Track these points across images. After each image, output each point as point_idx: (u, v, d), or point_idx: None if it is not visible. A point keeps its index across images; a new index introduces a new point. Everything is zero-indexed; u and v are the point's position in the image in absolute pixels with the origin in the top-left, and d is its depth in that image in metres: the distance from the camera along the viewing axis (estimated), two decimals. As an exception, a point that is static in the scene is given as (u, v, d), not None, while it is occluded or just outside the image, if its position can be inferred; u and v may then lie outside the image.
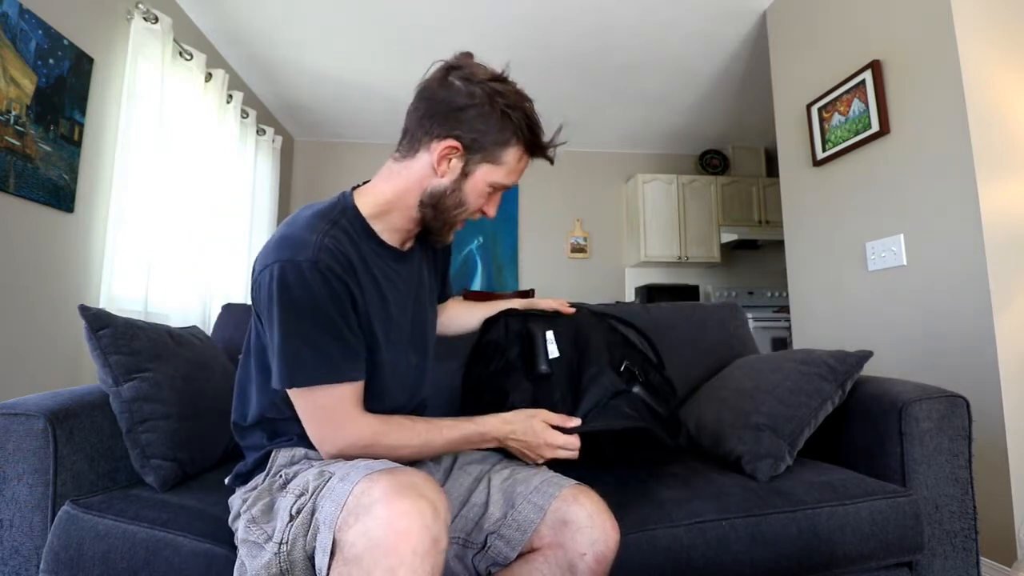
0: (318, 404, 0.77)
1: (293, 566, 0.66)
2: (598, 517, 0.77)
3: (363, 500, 0.61)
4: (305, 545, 0.67)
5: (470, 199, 0.85)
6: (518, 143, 0.83)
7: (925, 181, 1.69)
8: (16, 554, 0.91)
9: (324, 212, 0.82)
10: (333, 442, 0.78)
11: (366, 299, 0.82)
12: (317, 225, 0.79)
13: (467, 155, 0.82)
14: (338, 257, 0.78)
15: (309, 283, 0.74)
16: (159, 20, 2.23)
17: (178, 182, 2.44)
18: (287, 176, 4.15)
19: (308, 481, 0.72)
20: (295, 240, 0.77)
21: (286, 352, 0.75)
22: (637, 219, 4.30)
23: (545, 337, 1.03)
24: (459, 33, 2.82)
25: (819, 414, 1.10)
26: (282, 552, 0.67)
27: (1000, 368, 1.45)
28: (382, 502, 0.60)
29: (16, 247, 1.71)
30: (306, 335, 0.75)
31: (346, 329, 0.78)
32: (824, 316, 2.15)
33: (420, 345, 0.94)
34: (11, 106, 1.65)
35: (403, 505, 0.59)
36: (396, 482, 0.62)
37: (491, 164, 0.83)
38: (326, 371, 0.76)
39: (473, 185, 0.84)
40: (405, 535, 0.58)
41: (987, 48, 1.60)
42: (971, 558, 1.06)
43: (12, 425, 0.92)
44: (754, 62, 3.05)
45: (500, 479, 0.86)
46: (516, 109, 0.82)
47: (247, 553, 0.71)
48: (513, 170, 0.85)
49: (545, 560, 0.76)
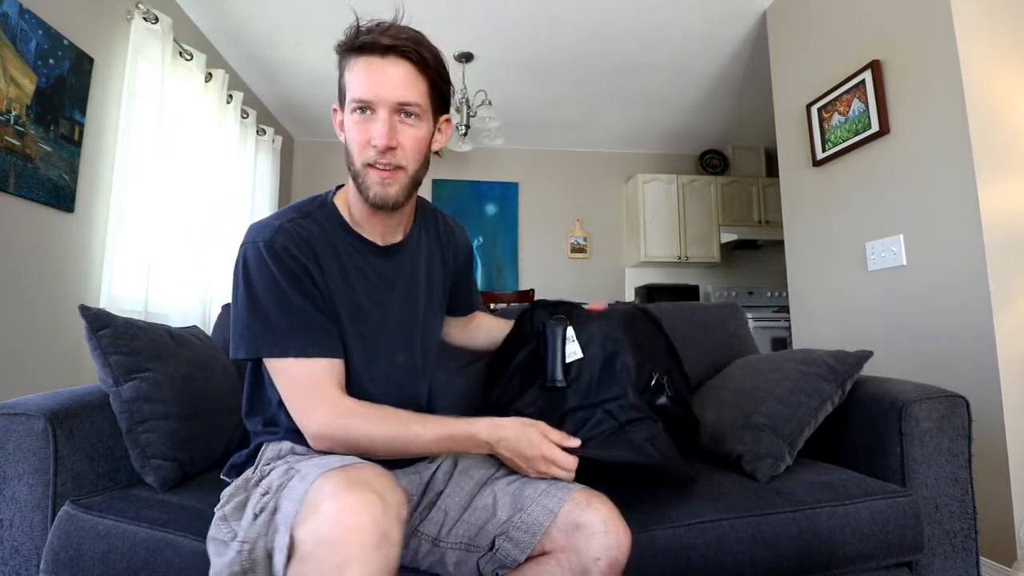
0: (291, 378, 0.79)
1: (255, 565, 0.66)
2: (612, 523, 0.76)
3: (314, 498, 0.61)
4: (266, 544, 0.66)
5: (351, 138, 0.81)
6: (347, 53, 0.80)
7: (925, 181, 1.69)
8: (16, 554, 0.91)
9: (299, 204, 0.88)
10: (309, 421, 0.78)
11: (327, 282, 0.83)
12: (286, 214, 0.85)
13: (341, 106, 0.84)
14: (295, 239, 0.81)
15: (264, 260, 0.79)
16: (159, 20, 2.23)
17: (178, 182, 2.44)
18: (287, 176, 4.15)
19: (273, 480, 0.72)
20: (261, 225, 0.83)
21: (239, 324, 0.79)
22: (637, 219, 4.30)
23: (565, 336, 0.94)
24: (459, 34, 2.82)
25: (819, 414, 1.10)
26: (244, 551, 0.67)
27: (1000, 368, 1.45)
28: (330, 498, 0.60)
29: (16, 247, 1.71)
30: (264, 308, 0.78)
31: (309, 305, 0.80)
32: (824, 316, 2.15)
33: (407, 343, 0.93)
34: (11, 106, 1.65)
35: (350, 500, 0.59)
36: (346, 478, 0.62)
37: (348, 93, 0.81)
38: (284, 342, 0.78)
39: (348, 124, 0.82)
40: (353, 531, 0.57)
41: (987, 48, 1.60)
42: (971, 558, 1.06)
43: (12, 425, 0.92)
44: (754, 62, 3.05)
45: (505, 482, 0.85)
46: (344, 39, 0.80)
47: (214, 551, 0.72)
48: (359, 79, 0.79)
49: (557, 563, 0.76)
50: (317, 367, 0.79)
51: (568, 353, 0.93)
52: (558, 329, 0.96)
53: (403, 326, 0.92)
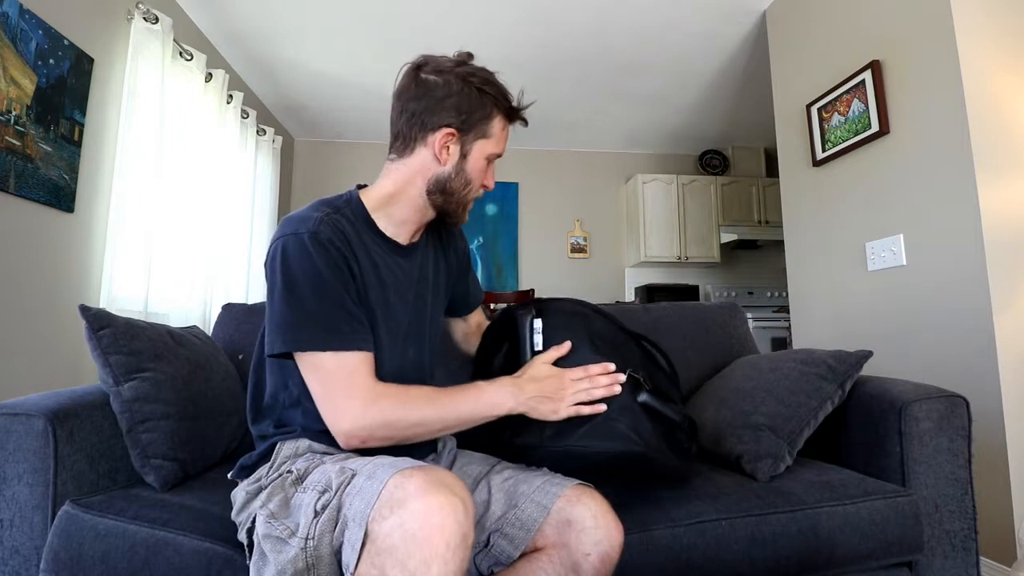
0: (327, 373, 0.77)
1: (319, 561, 0.67)
2: (603, 518, 0.77)
3: (397, 494, 0.63)
4: (332, 540, 0.68)
5: (474, 176, 0.90)
6: (499, 112, 0.90)
7: (925, 181, 1.69)
8: (16, 554, 0.91)
9: (329, 200, 0.88)
10: (343, 416, 0.77)
11: (364, 278, 0.84)
12: (320, 208, 0.85)
13: (462, 137, 0.87)
14: (336, 232, 0.82)
15: (309, 251, 0.78)
16: (159, 20, 2.23)
17: (178, 182, 2.44)
18: (287, 176, 4.15)
19: (330, 478, 0.72)
20: (298, 218, 0.82)
21: (282, 317, 0.78)
22: (637, 219, 4.30)
23: (532, 326, 0.94)
24: (459, 33, 2.82)
25: (819, 414, 1.10)
26: (308, 547, 0.68)
27: (1000, 368, 1.45)
28: (417, 497, 0.61)
29: (16, 247, 1.71)
30: (303, 301, 0.78)
31: (347, 298, 0.80)
32: (824, 316, 2.15)
33: (418, 340, 0.94)
34: (11, 106, 1.65)
35: (437, 500, 0.61)
36: (429, 479, 0.64)
37: (483, 139, 0.89)
38: (324, 335, 0.77)
39: (474, 162, 0.89)
40: (439, 529, 0.60)
41: (987, 48, 1.60)
42: (971, 558, 1.06)
43: (12, 425, 0.92)
44: (754, 62, 3.05)
45: (500, 479, 0.86)
46: (489, 84, 0.88)
47: (271, 548, 0.71)
48: (500, 138, 0.91)
49: (549, 560, 0.76)
50: (353, 360, 0.78)
51: (535, 343, 0.93)
52: (526, 319, 0.96)
53: (416, 322, 0.94)
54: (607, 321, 1.00)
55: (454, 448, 1.02)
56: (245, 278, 3.08)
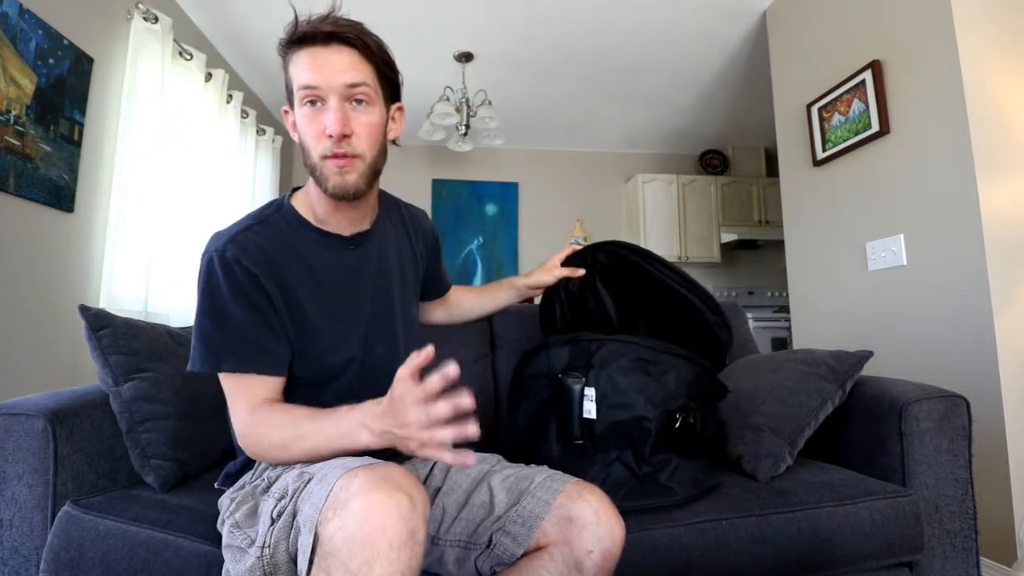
0: (226, 389, 0.81)
1: (276, 569, 0.67)
2: (604, 514, 0.76)
3: (341, 495, 0.61)
4: (288, 547, 0.67)
5: (304, 132, 0.82)
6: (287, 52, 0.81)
7: (925, 181, 1.69)
8: (16, 554, 0.91)
9: (257, 212, 0.87)
10: (235, 431, 0.81)
11: (293, 289, 0.82)
12: (242, 221, 0.83)
13: (293, 108, 0.84)
14: (248, 249, 0.79)
15: (215, 272, 0.78)
16: (159, 20, 2.23)
17: (178, 182, 2.44)
18: (287, 176, 4.15)
19: (288, 484, 0.72)
20: (218, 234, 0.81)
21: (194, 337, 0.80)
22: (637, 219, 4.30)
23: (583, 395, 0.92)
24: (458, 33, 2.82)
25: (819, 414, 1.10)
26: (265, 555, 0.67)
27: (1000, 368, 1.45)
28: (358, 496, 0.60)
29: (16, 247, 1.71)
30: (201, 323, 0.79)
31: (250, 320, 0.79)
32: (824, 316, 2.15)
33: (386, 334, 0.92)
34: (11, 106, 1.65)
35: (379, 498, 0.59)
36: (373, 476, 0.62)
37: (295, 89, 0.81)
38: (215, 356, 0.79)
39: (301, 121, 0.82)
40: (381, 527, 0.58)
41: (987, 48, 1.60)
42: (971, 558, 1.06)
43: (12, 425, 0.92)
44: (754, 62, 3.05)
45: (501, 478, 0.85)
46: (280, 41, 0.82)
47: (231, 558, 0.71)
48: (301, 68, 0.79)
49: (551, 558, 0.76)
50: (249, 381, 0.80)
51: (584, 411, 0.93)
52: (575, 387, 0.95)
53: (379, 316, 0.92)
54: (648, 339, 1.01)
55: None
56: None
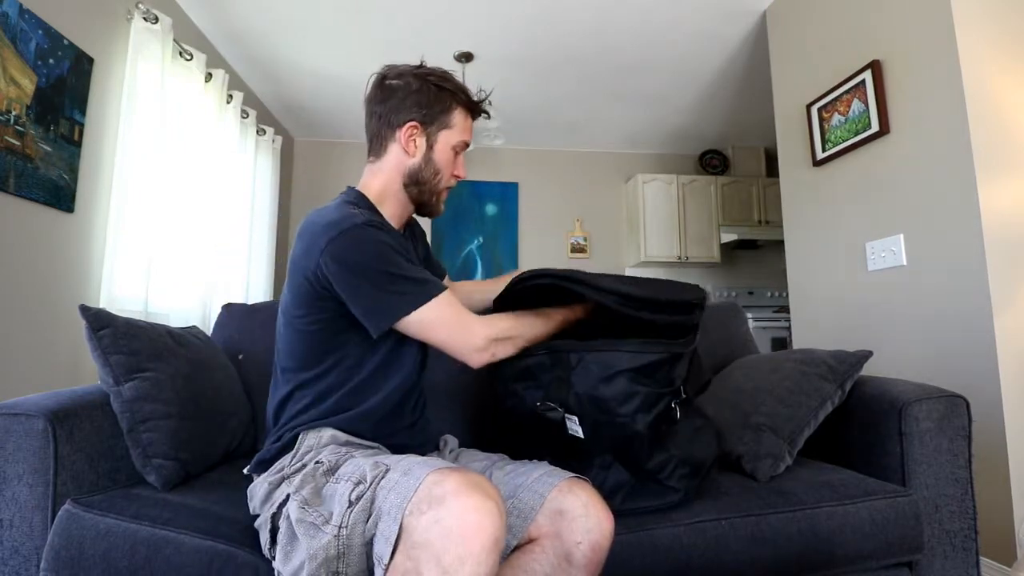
0: (441, 319, 0.86)
1: (350, 549, 0.70)
2: (592, 507, 0.79)
3: (436, 491, 0.65)
4: (364, 531, 0.70)
5: (441, 165, 0.98)
6: (457, 104, 0.97)
7: (925, 181, 1.69)
8: (16, 554, 0.91)
9: (342, 203, 0.93)
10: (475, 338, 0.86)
11: None
12: (345, 208, 0.90)
13: (426, 129, 0.96)
14: (373, 221, 0.88)
15: (367, 238, 0.84)
16: (159, 20, 2.23)
17: (178, 182, 2.44)
18: (287, 176, 4.15)
19: (364, 471, 0.75)
20: (337, 220, 0.86)
21: (370, 299, 0.84)
22: (637, 219, 4.30)
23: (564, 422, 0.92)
24: (459, 33, 2.82)
25: (819, 414, 1.10)
26: (342, 535, 0.70)
27: (1000, 368, 1.45)
28: (455, 495, 0.64)
29: (16, 247, 1.71)
30: (388, 275, 0.84)
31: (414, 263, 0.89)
32: (824, 316, 2.15)
33: None
34: (11, 106, 1.65)
35: (474, 500, 0.63)
36: (467, 479, 0.66)
37: (447, 129, 0.97)
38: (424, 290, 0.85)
39: (440, 152, 0.97)
40: (477, 529, 0.62)
41: (987, 48, 1.60)
42: (971, 558, 1.06)
43: (12, 425, 0.92)
44: (754, 62, 3.05)
45: (502, 474, 0.88)
46: (446, 80, 0.97)
47: (305, 532, 0.73)
48: (463, 128, 0.99)
49: (543, 550, 0.79)
50: (451, 298, 0.87)
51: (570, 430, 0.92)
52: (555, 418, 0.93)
53: None
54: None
55: (456, 447, 1.03)
56: (245, 278, 3.08)
